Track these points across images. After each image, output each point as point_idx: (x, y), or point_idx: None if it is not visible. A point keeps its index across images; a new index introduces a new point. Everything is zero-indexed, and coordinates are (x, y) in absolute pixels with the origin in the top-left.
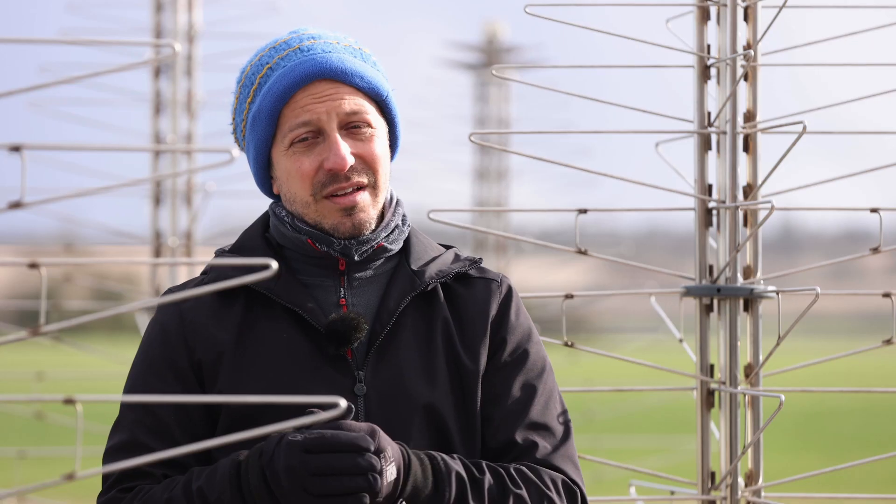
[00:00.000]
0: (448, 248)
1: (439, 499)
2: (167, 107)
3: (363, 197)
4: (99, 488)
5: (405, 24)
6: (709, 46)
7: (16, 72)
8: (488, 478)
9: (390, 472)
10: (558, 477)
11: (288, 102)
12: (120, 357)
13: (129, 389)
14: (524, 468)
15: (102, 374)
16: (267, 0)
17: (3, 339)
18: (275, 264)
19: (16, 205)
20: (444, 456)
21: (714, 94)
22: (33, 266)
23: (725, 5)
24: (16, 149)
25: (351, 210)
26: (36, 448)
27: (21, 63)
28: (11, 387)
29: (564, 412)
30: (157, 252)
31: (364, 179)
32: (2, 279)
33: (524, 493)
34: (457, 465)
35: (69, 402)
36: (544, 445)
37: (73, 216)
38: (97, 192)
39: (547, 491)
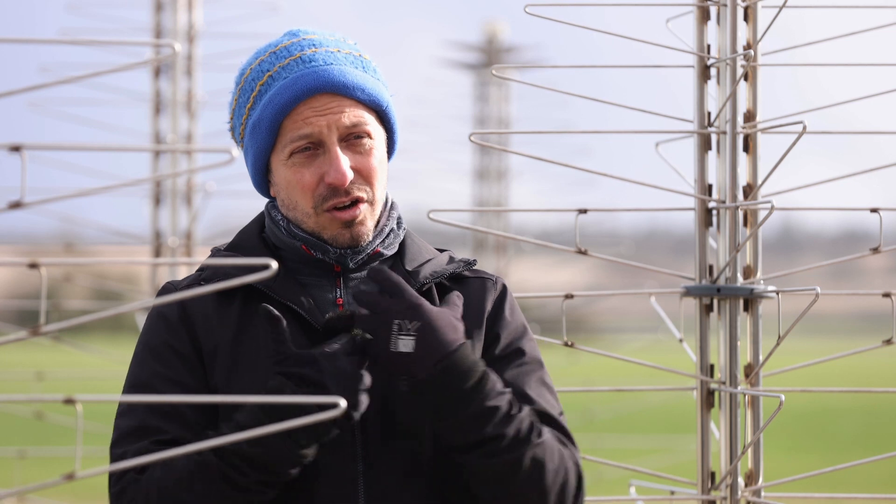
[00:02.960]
0: (443, 251)
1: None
2: (167, 107)
3: (362, 209)
4: (99, 488)
5: (405, 24)
6: (709, 46)
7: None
8: (525, 412)
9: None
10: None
11: (289, 114)
12: (120, 357)
13: (132, 377)
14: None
15: (102, 374)
16: (267, 0)
17: (3, 339)
18: (275, 264)
19: (16, 205)
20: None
21: (714, 94)
22: (33, 266)
23: (725, 5)
24: (16, 149)
25: (350, 223)
26: (36, 448)
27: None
28: (11, 387)
29: (561, 411)
30: (157, 252)
31: (363, 194)
32: (2, 279)
33: (549, 436)
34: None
35: (69, 402)
36: (549, 427)
37: (73, 216)
38: (97, 192)
39: (566, 447)
